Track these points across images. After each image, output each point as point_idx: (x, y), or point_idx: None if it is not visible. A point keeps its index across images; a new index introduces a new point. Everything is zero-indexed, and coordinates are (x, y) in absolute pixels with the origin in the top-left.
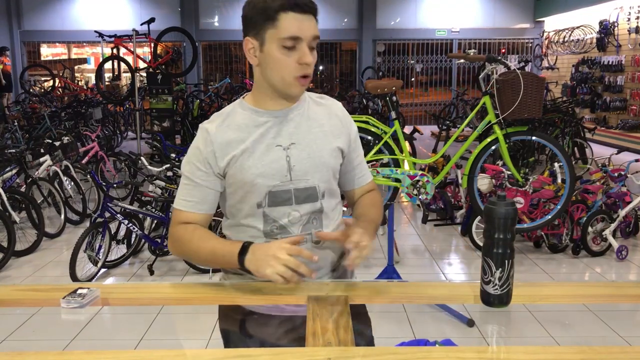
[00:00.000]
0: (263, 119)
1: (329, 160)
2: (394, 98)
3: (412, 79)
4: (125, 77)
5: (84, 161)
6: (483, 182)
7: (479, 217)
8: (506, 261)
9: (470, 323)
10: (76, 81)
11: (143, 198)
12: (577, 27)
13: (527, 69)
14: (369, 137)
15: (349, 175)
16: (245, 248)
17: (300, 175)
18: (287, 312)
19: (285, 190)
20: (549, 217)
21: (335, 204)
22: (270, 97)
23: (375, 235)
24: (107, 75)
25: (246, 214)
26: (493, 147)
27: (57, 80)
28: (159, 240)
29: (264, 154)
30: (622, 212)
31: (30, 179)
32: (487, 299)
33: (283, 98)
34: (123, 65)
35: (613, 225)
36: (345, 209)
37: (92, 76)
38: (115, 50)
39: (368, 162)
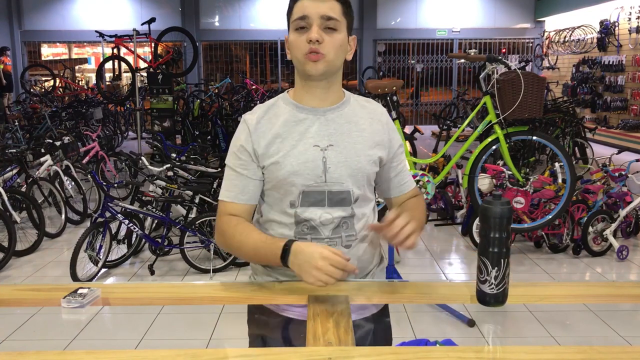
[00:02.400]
0: (302, 115)
1: (366, 166)
2: (395, 98)
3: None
4: (126, 77)
5: (84, 161)
6: (484, 182)
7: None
8: (502, 260)
9: (470, 323)
10: (77, 81)
11: (144, 198)
12: (578, 27)
13: (528, 68)
14: None
15: (389, 184)
16: (286, 250)
17: (335, 178)
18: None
19: (319, 191)
20: (550, 217)
21: (369, 210)
22: (307, 90)
23: (421, 231)
24: (108, 75)
25: (279, 212)
26: (494, 147)
27: (57, 80)
28: (159, 240)
29: (301, 152)
30: (623, 212)
31: (31, 178)
32: (484, 299)
33: (314, 85)
34: (124, 65)
35: (614, 225)
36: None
37: (93, 76)
38: (115, 50)
39: None
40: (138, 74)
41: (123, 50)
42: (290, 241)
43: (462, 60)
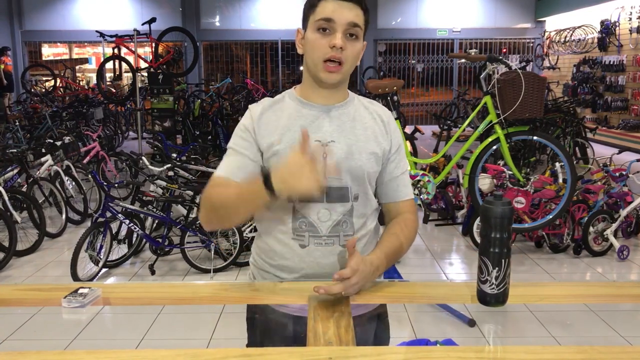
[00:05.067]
0: (306, 110)
1: (366, 163)
2: (395, 98)
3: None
4: (127, 76)
5: (85, 161)
6: (484, 182)
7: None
8: (503, 260)
9: (471, 323)
10: (77, 81)
11: (144, 198)
12: (579, 27)
13: (528, 68)
14: None
15: (381, 188)
16: (267, 177)
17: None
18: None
19: None
20: (550, 217)
21: (370, 211)
22: (314, 90)
23: (377, 275)
24: (109, 75)
25: (277, 207)
26: (494, 147)
27: (58, 80)
28: (160, 240)
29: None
30: (624, 212)
31: (32, 178)
32: (484, 299)
33: (324, 88)
34: (124, 65)
35: (614, 225)
36: None
37: (93, 76)
38: (116, 50)
39: None
40: (139, 74)
41: (124, 50)
42: (266, 170)
43: (463, 60)
